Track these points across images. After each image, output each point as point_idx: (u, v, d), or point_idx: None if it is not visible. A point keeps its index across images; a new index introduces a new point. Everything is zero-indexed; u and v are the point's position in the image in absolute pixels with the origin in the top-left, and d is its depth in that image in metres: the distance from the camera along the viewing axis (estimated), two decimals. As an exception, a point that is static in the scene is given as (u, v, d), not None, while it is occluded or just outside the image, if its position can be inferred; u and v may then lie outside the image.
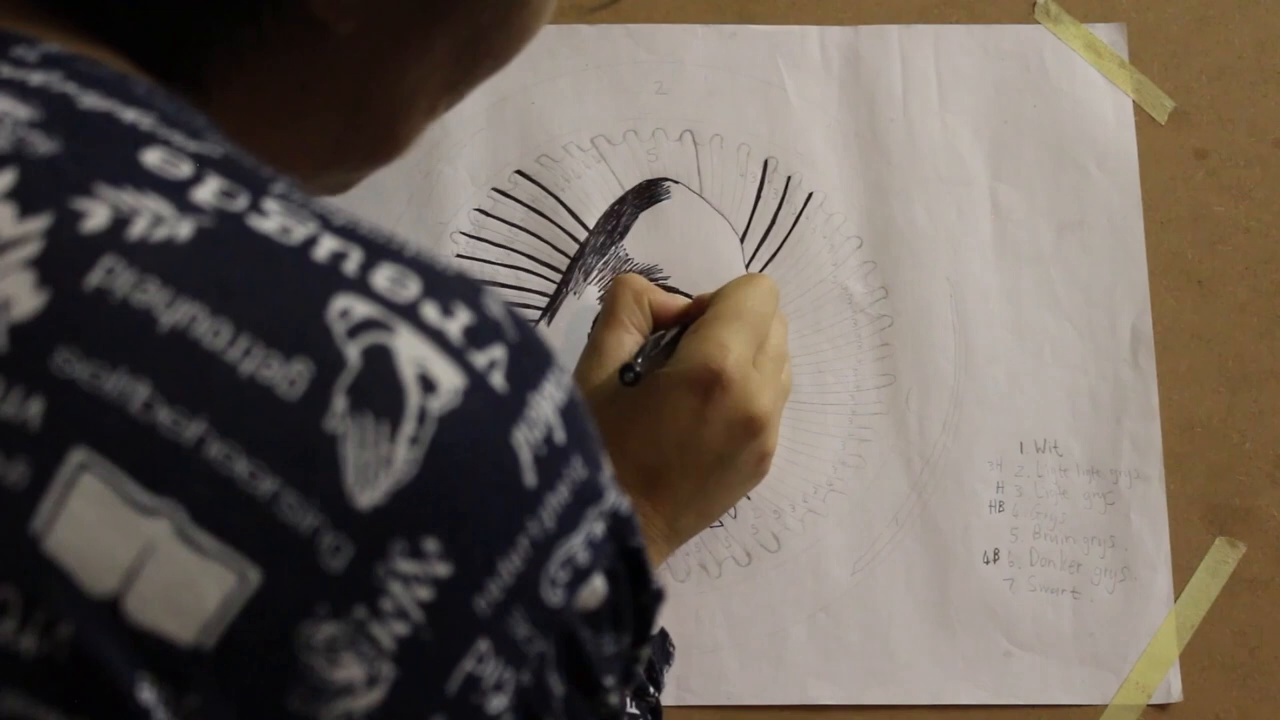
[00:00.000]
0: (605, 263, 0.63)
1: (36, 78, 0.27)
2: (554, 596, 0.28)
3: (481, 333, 0.27)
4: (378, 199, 0.63)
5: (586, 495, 0.29)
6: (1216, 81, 0.66)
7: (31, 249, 0.25)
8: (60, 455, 0.24)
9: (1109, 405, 0.63)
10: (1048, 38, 0.66)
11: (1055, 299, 0.64)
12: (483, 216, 0.64)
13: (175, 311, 0.25)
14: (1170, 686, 0.61)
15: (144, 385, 0.24)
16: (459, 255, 0.63)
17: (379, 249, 0.28)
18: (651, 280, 0.63)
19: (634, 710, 0.50)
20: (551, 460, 0.27)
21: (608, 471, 0.30)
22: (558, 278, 0.63)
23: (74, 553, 0.24)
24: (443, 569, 0.26)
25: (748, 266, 0.64)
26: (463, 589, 0.26)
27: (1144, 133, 0.66)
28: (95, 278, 0.25)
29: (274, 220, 0.27)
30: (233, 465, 0.24)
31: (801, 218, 0.64)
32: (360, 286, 0.26)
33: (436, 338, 0.26)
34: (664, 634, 0.58)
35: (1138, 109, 0.66)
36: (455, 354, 0.26)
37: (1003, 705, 0.60)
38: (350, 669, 0.25)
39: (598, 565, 0.29)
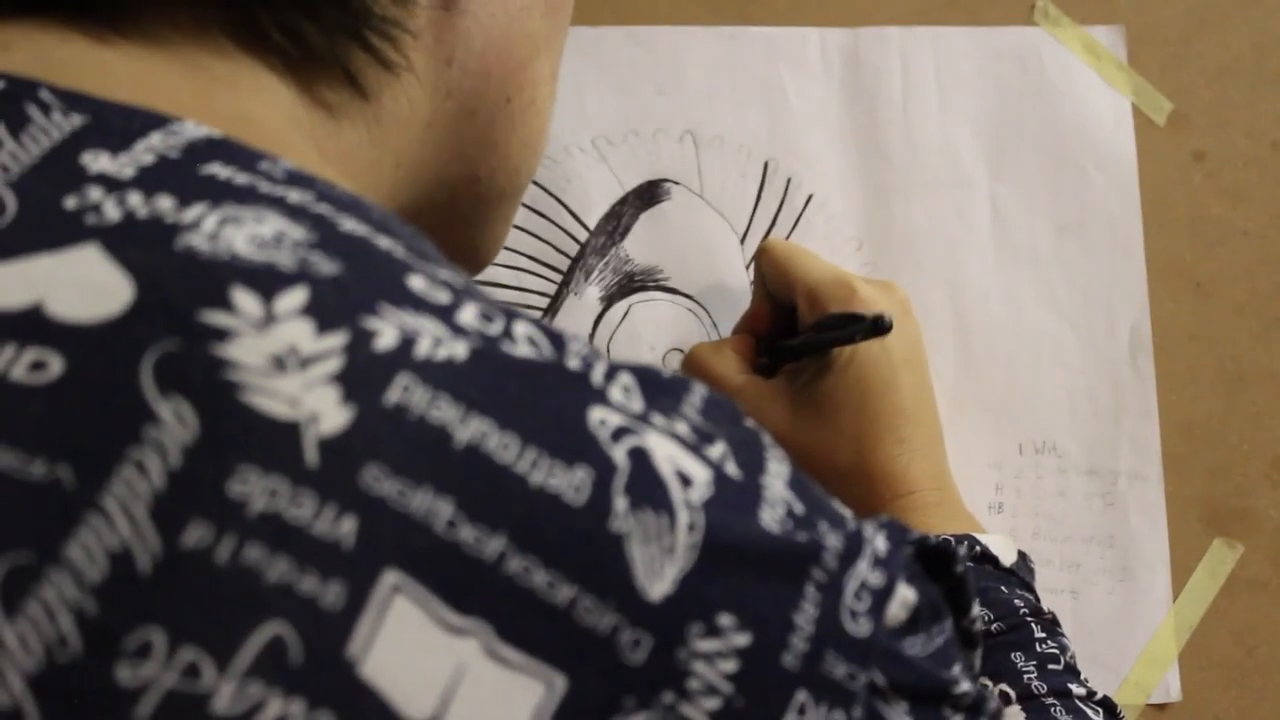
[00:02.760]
0: (606, 263, 0.63)
1: (294, 196, 0.28)
2: (860, 627, 0.28)
3: (703, 431, 0.28)
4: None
5: (843, 525, 0.29)
6: (1214, 84, 0.66)
7: (333, 364, 0.25)
8: (374, 576, 0.24)
9: (1108, 406, 0.63)
10: (1046, 40, 0.66)
11: (1054, 300, 0.64)
12: (484, 217, 0.64)
13: (468, 428, 0.25)
14: (1169, 686, 0.61)
15: (447, 503, 0.24)
16: (460, 256, 0.63)
17: (614, 364, 0.29)
18: (652, 280, 0.63)
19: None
20: (801, 521, 0.28)
21: (846, 508, 0.31)
22: (559, 278, 0.63)
23: (391, 677, 0.24)
24: (742, 639, 0.26)
25: (748, 268, 0.64)
26: (767, 651, 0.26)
27: (1142, 135, 0.66)
28: (394, 395, 0.25)
29: (524, 341, 0.27)
30: (531, 577, 0.25)
31: (801, 219, 0.64)
32: (603, 398, 0.27)
33: (676, 439, 0.27)
34: None
35: (1136, 111, 0.66)
36: (694, 450, 0.28)
37: (1002, 705, 0.60)
38: None
39: (895, 575, 0.29)
